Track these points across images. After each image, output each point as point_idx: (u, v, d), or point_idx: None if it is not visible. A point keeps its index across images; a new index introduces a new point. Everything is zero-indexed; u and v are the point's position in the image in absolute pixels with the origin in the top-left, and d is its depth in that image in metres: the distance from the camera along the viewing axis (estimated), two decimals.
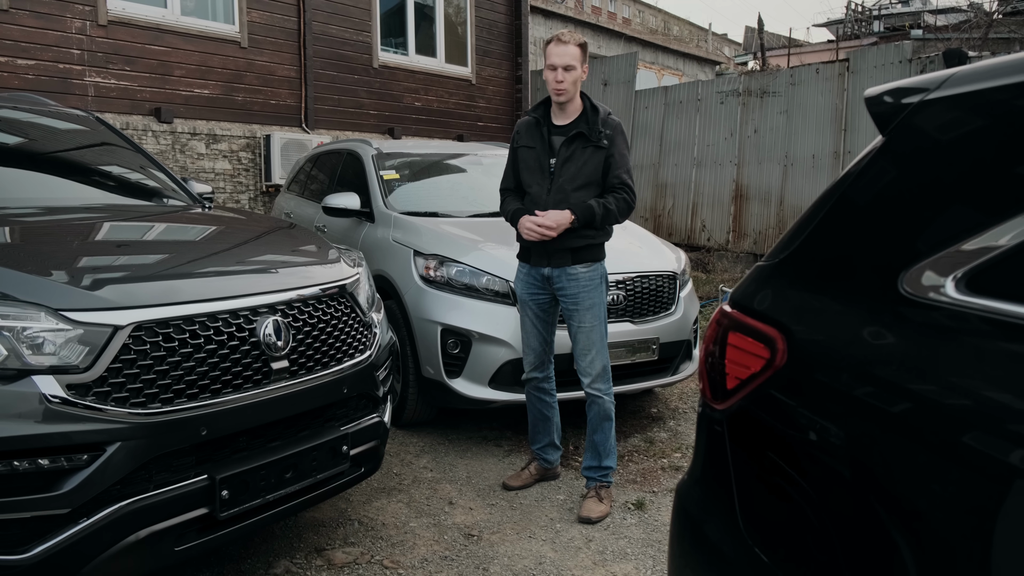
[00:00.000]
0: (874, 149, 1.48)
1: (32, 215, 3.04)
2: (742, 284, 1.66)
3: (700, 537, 1.63)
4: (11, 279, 2.24)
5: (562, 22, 17.14)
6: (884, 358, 1.30)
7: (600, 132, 3.41)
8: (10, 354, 2.09)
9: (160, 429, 2.25)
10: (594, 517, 3.45)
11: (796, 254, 1.54)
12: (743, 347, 1.53)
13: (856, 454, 1.30)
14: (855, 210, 1.47)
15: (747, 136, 10.75)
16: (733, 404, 1.54)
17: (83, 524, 2.14)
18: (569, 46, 3.38)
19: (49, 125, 3.87)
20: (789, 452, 1.43)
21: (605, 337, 3.55)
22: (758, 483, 1.49)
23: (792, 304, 1.49)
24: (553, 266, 3.48)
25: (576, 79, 3.40)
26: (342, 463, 2.79)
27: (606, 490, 3.60)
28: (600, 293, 3.52)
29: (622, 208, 3.43)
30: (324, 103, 9.56)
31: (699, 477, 1.71)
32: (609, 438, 3.59)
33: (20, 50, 7.10)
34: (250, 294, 2.56)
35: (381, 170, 5.41)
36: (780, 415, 1.44)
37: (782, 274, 1.55)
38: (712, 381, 1.63)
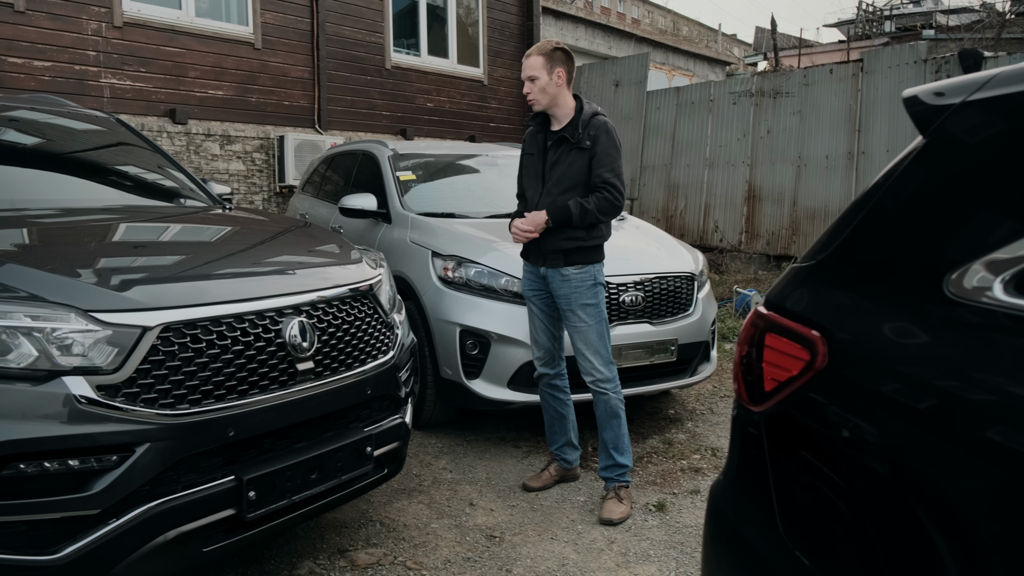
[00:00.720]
0: (914, 150, 1.47)
1: (59, 216, 3.05)
2: (778, 285, 1.64)
3: (736, 539, 1.62)
4: (40, 280, 2.25)
5: (572, 23, 17.13)
6: (930, 361, 1.29)
7: (580, 134, 3.45)
8: (40, 355, 2.10)
9: (188, 430, 2.25)
10: (615, 519, 3.45)
11: (835, 256, 1.53)
12: (781, 349, 1.52)
13: (899, 457, 1.29)
14: (896, 211, 1.46)
15: (760, 137, 10.72)
16: (771, 406, 1.53)
17: (113, 525, 2.14)
18: (530, 58, 3.48)
19: (72, 127, 3.89)
20: (830, 454, 1.42)
21: (604, 337, 3.55)
22: (798, 485, 1.48)
23: (832, 306, 1.48)
24: (548, 266, 3.54)
25: (543, 87, 3.46)
26: (366, 464, 2.79)
27: (625, 490, 3.59)
28: (594, 294, 3.52)
29: (603, 207, 3.43)
30: (337, 104, 9.58)
31: (734, 478, 1.70)
32: (620, 436, 3.59)
33: (37, 51, 7.14)
34: (276, 295, 2.56)
35: (397, 171, 5.41)
36: (821, 417, 1.43)
37: (820, 276, 1.54)
38: (748, 383, 1.62)
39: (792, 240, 10.28)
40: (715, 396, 5.43)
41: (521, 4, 12.11)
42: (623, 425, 3.60)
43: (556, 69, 3.45)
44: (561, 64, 3.47)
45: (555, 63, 3.46)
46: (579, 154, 3.46)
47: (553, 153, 3.53)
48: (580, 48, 17.14)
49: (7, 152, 3.57)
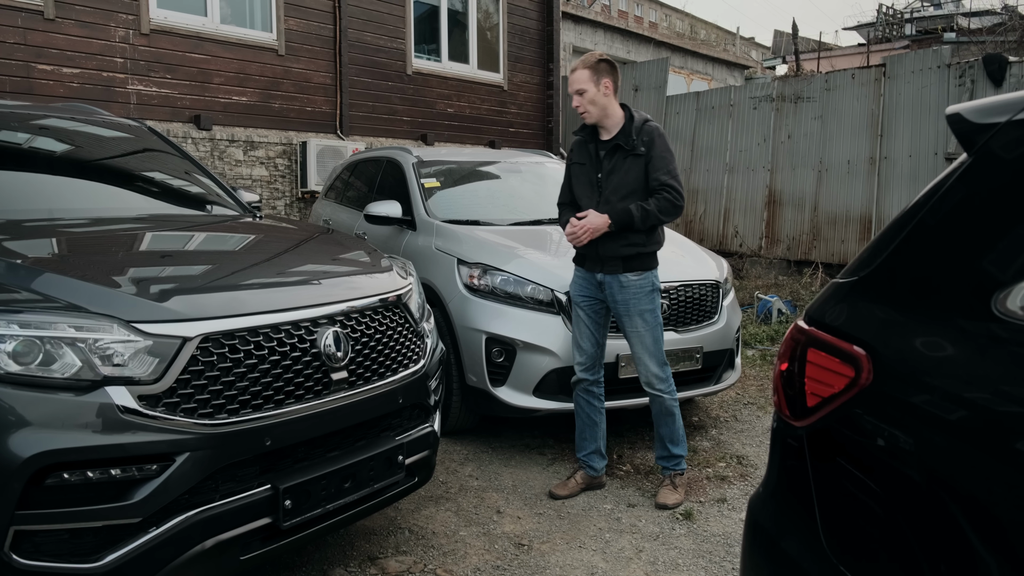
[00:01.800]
0: (960, 168, 1.47)
1: (94, 225, 3.09)
2: (818, 300, 1.65)
3: (776, 552, 1.63)
4: (81, 290, 2.28)
5: (591, 27, 17.14)
6: (977, 379, 1.29)
7: (635, 140, 3.53)
8: (84, 365, 2.13)
9: (227, 440, 2.28)
10: (670, 503, 3.65)
11: (879, 272, 1.53)
12: (824, 365, 1.52)
13: (944, 474, 1.29)
14: (941, 229, 1.46)
15: (780, 141, 10.67)
16: (814, 422, 1.54)
17: (153, 533, 2.17)
18: (576, 72, 3.57)
19: (104, 135, 3.94)
20: (875, 470, 1.42)
21: (660, 341, 3.67)
22: (842, 499, 1.48)
23: (876, 322, 1.48)
24: (605, 272, 3.62)
25: (592, 99, 3.54)
26: (397, 472, 2.81)
27: (680, 478, 3.79)
28: (651, 300, 3.62)
29: (664, 207, 3.49)
30: (359, 110, 9.64)
31: (774, 491, 1.70)
32: (675, 430, 3.75)
33: (65, 59, 7.24)
34: (310, 305, 2.59)
35: (421, 178, 5.44)
36: (866, 433, 1.44)
37: (863, 292, 1.55)
38: (789, 397, 1.62)
39: (813, 245, 10.22)
40: (739, 403, 5.41)
41: (541, 10, 12.14)
42: (678, 420, 3.76)
43: (603, 80, 3.54)
44: (607, 75, 3.55)
45: (601, 74, 3.54)
46: (635, 161, 3.53)
47: (608, 162, 3.60)
48: None
49: (42, 161, 3.63)
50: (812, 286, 9.29)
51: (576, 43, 16.62)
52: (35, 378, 2.09)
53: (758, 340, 7.15)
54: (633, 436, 4.65)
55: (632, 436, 4.65)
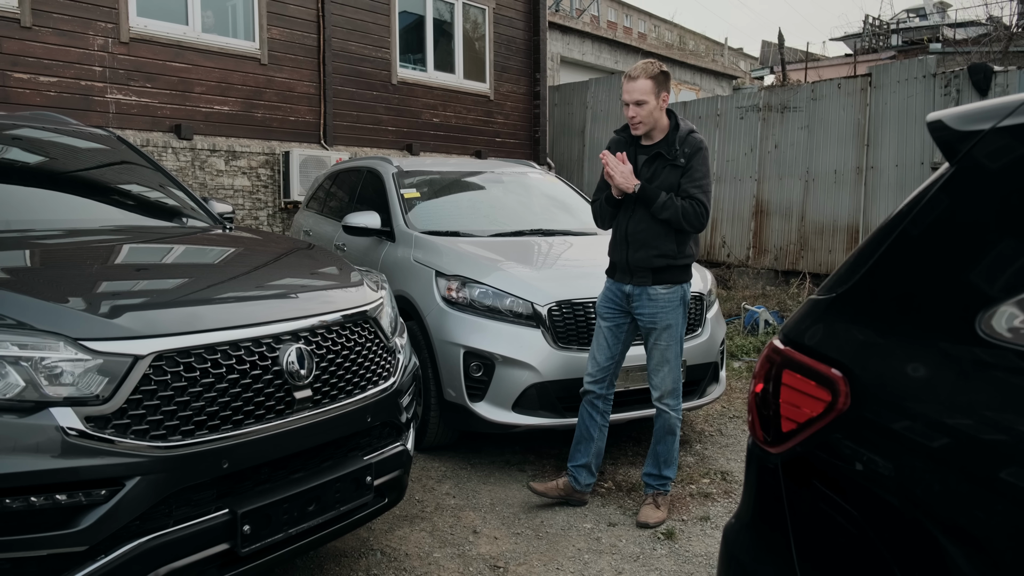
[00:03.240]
0: (942, 178, 1.39)
1: (50, 237, 2.98)
2: (794, 318, 1.56)
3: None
4: (28, 306, 2.18)
5: (579, 37, 17.11)
6: (962, 405, 1.21)
7: (677, 151, 3.47)
8: (28, 385, 2.03)
9: (181, 462, 2.17)
10: (651, 522, 3.56)
11: (856, 289, 1.45)
12: (800, 388, 1.44)
13: (927, 505, 1.21)
14: (922, 242, 1.38)
15: (767, 151, 10.65)
16: (789, 448, 1.45)
17: (101, 562, 2.06)
18: (637, 81, 3.42)
19: (70, 144, 3.83)
20: (854, 499, 1.33)
21: (680, 356, 3.62)
22: (819, 529, 1.40)
23: (854, 344, 1.40)
24: (635, 284, 3.55)
25: (650, 111, 3.45)
26: (366, 494, 2.70)
27: (663, 497, 3.70)
28: (678, 314, 3.57)
29: (687, 212, 3.42)
30: (343, 119, 9.55)
31: (749, 521, 1.61)
32: (671, 451, 3.68)
33: (42, 67, 7.13)
34: (273, 321, 2.49)
35: (401, 188, 5.35)
36: (844, 461, 1.35)
37: (841, 310, 1.46)
38: (764, 421, 1.53)
39: (800, 255, 10.18)
40: (724, 417, 5.33)
41: (528, 20, 12.10)
42: (676, 441, 3.69)
43: (662, 93, 3.46)
44: (666, 88, 3.48)
45: (662, 87, 3.45)
46: (673, 170, 3.47)
47: (648, 169, 3.53)
48: (587, 62, 17.12)
49: (6, 172, 3.51)
50: (799, 296, 9.24)
51: (564, 53, 16.59)
52: None
53: (745, 352, 7.08)
54: (616, 452, 4.55)
55: (615, 452, 4.55)
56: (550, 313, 4.07)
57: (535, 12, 12.15)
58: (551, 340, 4.06)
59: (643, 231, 3.50)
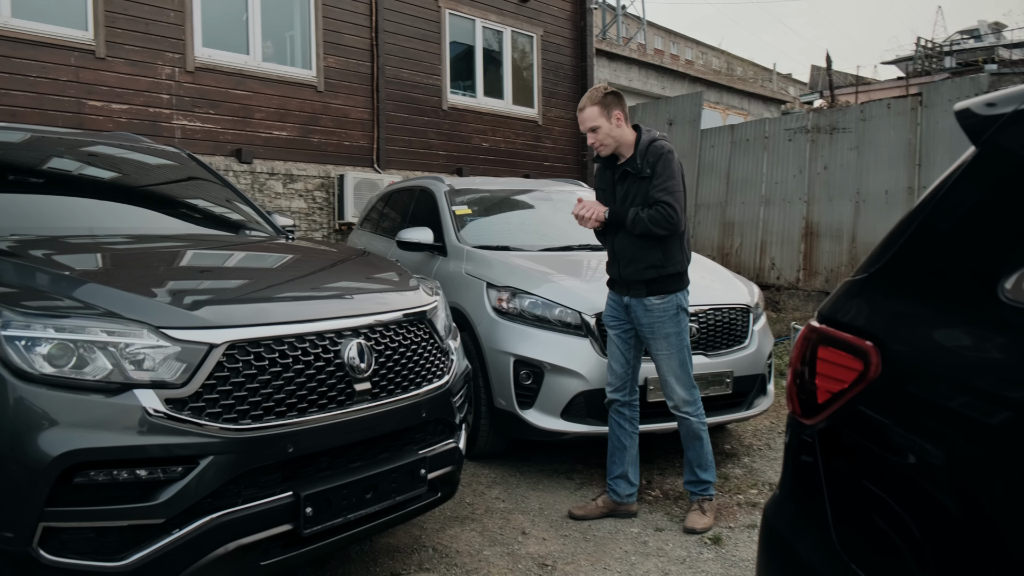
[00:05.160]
0: (966, 161, 1.47)
1: (134, 242, 3.20)
2: (831, 299, 1.65)
3: (790, 555, 1.60)
4: (118, 298, 2.36)
5: (625, 64, 17.30)
6: (985, 366, 1.28)
7: (640, 164, 3.57)
8: (115, 368, 2.20)
9: (250, 445, 2.32)
10: (698, 528, 3.60)
11: (888, 267, 1.53)
12: (834, 360, 1.52)
13: (954, 467, 1.28)
14: (948, 221, 1.46)
15: (816, 173, 10.61)
16: (824, 419, 1.52)
17: (176, 535, 2.21)
18: (585, 111, 3.59)
19: (146, 161, 4.09)
20: (885, 465, 1.40)
21: (687, 364, 3.65)
22: (853, 498, 1.46)
23: (885, 316, 1.48)
24: (631, 296, 3.65)
25: (607, 132, 3.59)
26: (420, 486, 2.82)
27: (709, 503, 3.73)
28: (676, 323, 3.61)
29: (655, 218, 3.49)
30: (395, 144, 9.83)
31: (788, 493, 1.68)
32: (703, 455, 3.71)
33: (115, 95, 7.52)
34: (335, 317, 2.64)
35: (453, 205, 5.52)
36: (875, 428, 1.42)
37: (873, 287, 1.54)
38: (801, 396, 1.61)
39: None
40: (773, 432, 5.33)
41: (575, 47, 12.32)
42: (705, 445, 3.71)
43: (613, 112, 3.57)
44: (616, 106, 3.59)
45: (611, 107, 3.57)
46: (641, 182, 3.58)
47: (621, 187, 3.66)
48: (633, 88, 17.27)
49: (89, 183, 3.78)
50: None
51: (611, 79, 16.77)
52: (67, 380, 2.16)
53: None
54: (663, 462, 4.60)
55: (662, 462, 4.60)
56: (598, 322, 4.16)
57: (582, 40, 12.36)
58: (599, 349, 4.14)
59: (627, 247, 3.61)
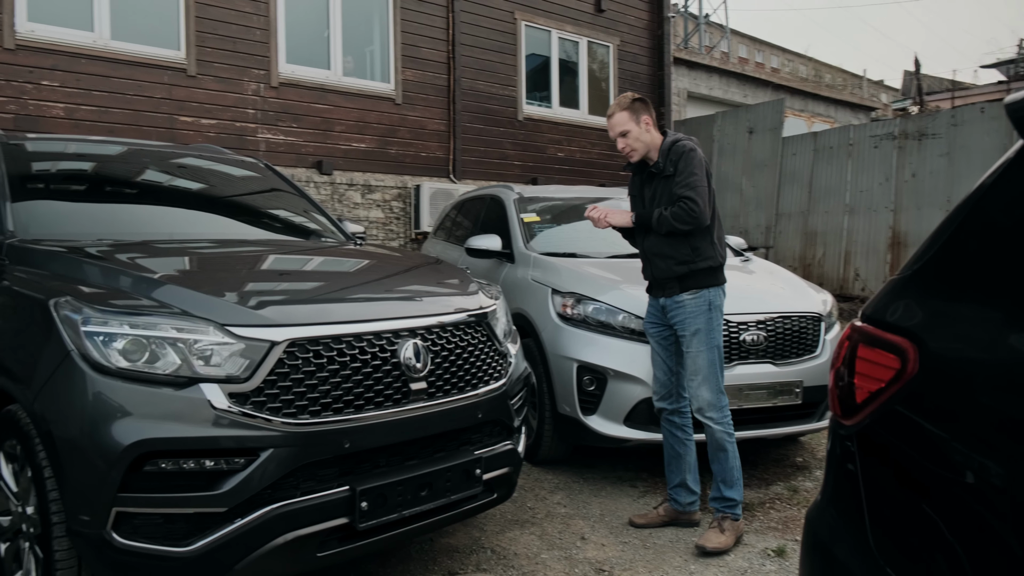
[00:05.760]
0: (1014, 154, 1.42)
1: (213, 246, 3.37)
2: (874, 298, 1.61)
3: (829, 559, 1.57)
4: (190, 298, 2.50)
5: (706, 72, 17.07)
6: None
7: (663, 164, 3.57)
8: (183, 363, 2.33)
9: (308, 439, 2.41)
10: (709, 547, 3.41)
11: (929, 265, 1.49)
12: (873, 359, 1.49)
13: (992, 465, 1.24)
14: (994, 215, 1.41)
15: (904, 181, 10.24)
16: (863, 419, 1.49)
17: (238, 523, 2.31)
18: (614, 116, 3.64)
19: (228, 171, 4.30)
20: (921, 465, 1.37)
21: (715, 365, 3.54)
22: (889, 500, 1.43)
23: (924, 313, 1.44)
24: (666, 296, 3.62)
25: (636, 136, 3.59)
26: (475, 486, 2.86)
27: (730, 522, 3.54)
28: (707, 320, 3.53)
29: (678, 214, 3.47)
30: (471, 154, 9.98)
31: (830, 497, 1.65)
32: (727, 469, 3.56)
33: (204, 111, 7.90)
34: (392, 318, 2.72)
35: (522, 213, 5.58)
36: (911, 427, 1.39)
37: (915, 285, 1.51)
38: (841, 397, 1.58)
39: None
40: None
41: (652, 56, 12.25)
42: (731, 458, 3.55)
43: (642, 117, 3.59)
44: (644, 111, 3.61)
45: (639, 112, 3.60)
46: (667, 183, 3.56)
47: (648, 189, 3.67)
48: (714, 97, 17.02)
49: (171, 192, 4.01)
50: None
51: (691, 88, 16.58)
52: (140, 373, 2.30)
53: None
54: None
55: None
56: None
57: (659, 48, 12.29)
58: None
59: (655, 246, 3.59)
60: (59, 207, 3.56)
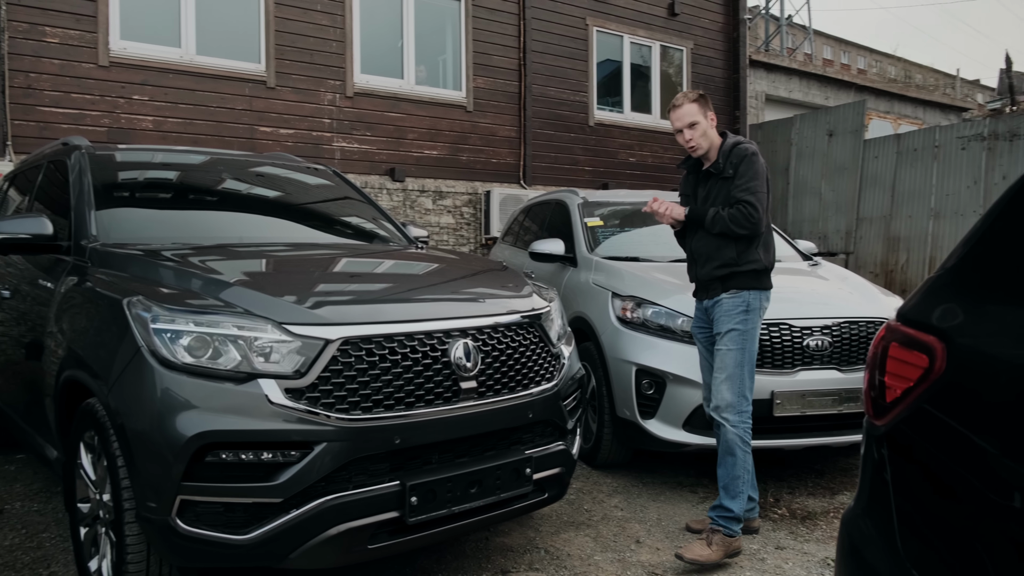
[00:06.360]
0: None
1: (280, 250, 3.51)
2: (909, 297, 1.59)
3: (860, 562, 1.55)
4: (251, 298, 2.62)
5: (785, 74, 16.70)
6: None
7: (722, 164, 3.53)
8: (243, 359, 2.45)
9: (360, 434, 2.49)
10: (687, 557, 3.24)
11: (960, 264, 1.46)
12: (903, 358, 1.47)
13: (1015, 465, 1.21)
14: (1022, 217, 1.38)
15: (994, 184, 9.80)
16: (892, 419, 1.47)
17: (293, 514, 2.41)
18: (683, 107, 3.57)
19: (297, 178, 4.48)
20: (946, 465, 1.34)
21: (743, 367, 3.43)
22: (916, 501, 1.41)
23: (954, 312, 1.41)
24: (709, 298, 3.58)
25: (703, 130, 3.55)
26: (525, 485, 2.89)
27: (721, 537, 3.33)
28: (743, 321, 3.46)
29: (735, 217, 3.42)
30: (541, 160, 10.04)
31: (862, 500, 1.63)
32: (732, 475, 3.41)
33: (283, 121, 8.20)
34: (444, 318, 2.78)
35: (586, 218, 5.60)
36: (938, 425, 1.36)
37: (947, 284, 1.48)
38: (874, 397, 1.56)
39: None
40: None
41: (727, 59, 12.08)
42: (738, 466, 3.41)
43: (708, 113, 3.58)
44: (710, 108, 3.61)
45: (706, 107, 3.58)
46: (724, 184, 3.52)
47: (703, 189, 3.64)
48: (793, 99, 16.63)
49: (242, 198, 4.20)
50: None
51: (769, 91, 16.25)
52: (203, 368, 2.43)
53: None
54: (795, 480, 4.43)
55: (793, 480, 4.43)
56: None
57: (734, 51, 12.11)
58: None
59: (704, 246, 3.55)
60: (139, 213, 3.77)
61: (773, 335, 4.08)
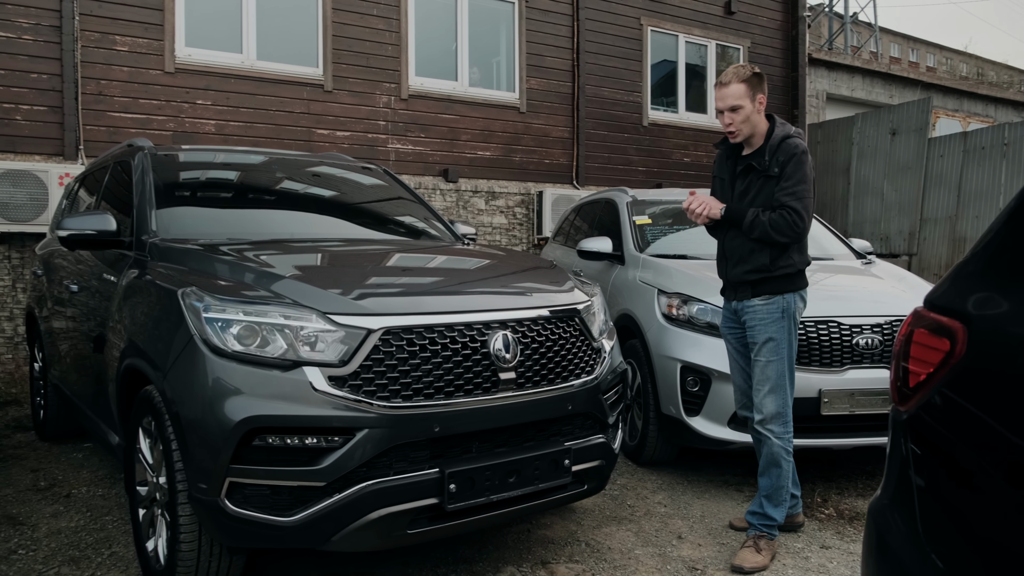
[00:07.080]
0: None
1: (324, 245, 3.62)
2: (939, 284, 1.58)
3: (883, 547, 1.55)
4: (299, 289, 2.72)
5: (847, 73, 16.33)
6: None
7: (768, 162, 3.31)
8: (289, 348, 2.55)
9: (400, 421, 2.56)
10: (746, 567, 3.22)
11: (985, 250, 1.45)
12: (926, 343, 1.46)
13: None
14: None
15: None
16: (915, 403, 1.47)
17: (336, 497, 2.50)
18: (730, 87, 3.32)
19: (349, 177, 4.60)
20: (964, 449, 1.34)
21: (785, 376, 3.34)
22: (936, 485, 1.40)
23: (977, 296, 1.41)
24: (738, 300, 3.45)
25: (747, 116, 3.31)
26: (564, 476, 2.93)
27: (766, 541, 3.34)
28: (780, 329, 3.33)
29: (777, 223, 3.23)
30: (594, 161, 10.04)
31: (890, 491, 1.62)
32: (776, 485, 3.38)
33: (339, 124, 8.39)
34: (484, 310, 2.84)
35: (634, 216, 5.60)
36: (957, 410, 1.36)
37: (972, 270, 1.47)
38: (899, 384, 1.56)
39: None
40: None
41: (785, 57, 11.90)
42: (783, 476, 3.37)
43: (757, 96, 3.33)
44: (761, 89, 3.34)
45: (756, 89, 3.33)
46: (767, 182, 3.32)
47: (741, 182, 3.43)
48: (856, 98, 16.26)
49: (295, 196, 4.33)
50: None
51: (831, 90, 15.91)
52: (252, 356, 2.53)
53: None
54: (844, 481, 4.36)
55: (843, 480, 4.36)
56: None
57: (793, 49, 11.92)
58: None
59: (738, 247, 3.39)
60: (198, 210, 3.93)
61: (821, 332, 4.03)
